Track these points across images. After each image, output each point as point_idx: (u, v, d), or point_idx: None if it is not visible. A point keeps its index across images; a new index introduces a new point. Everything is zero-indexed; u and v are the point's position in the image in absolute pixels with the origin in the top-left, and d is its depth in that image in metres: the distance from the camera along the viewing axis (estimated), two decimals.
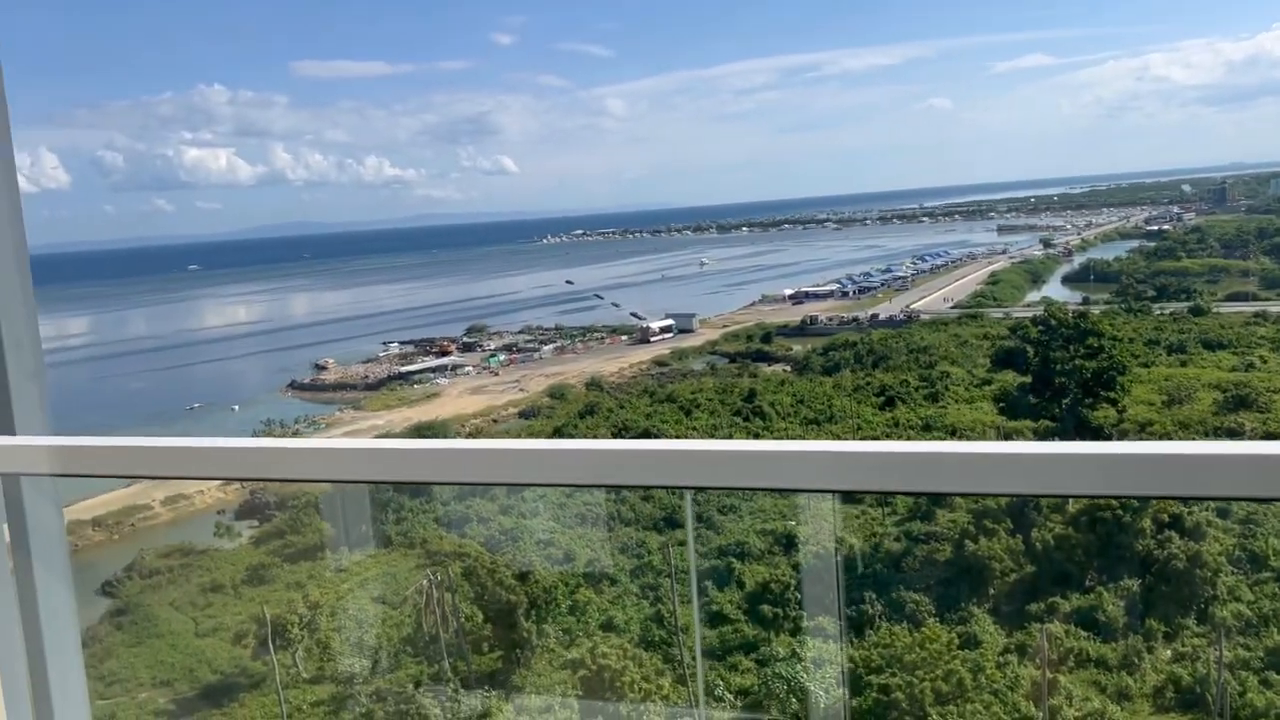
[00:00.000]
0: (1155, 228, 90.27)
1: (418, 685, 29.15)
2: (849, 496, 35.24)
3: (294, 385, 65.80)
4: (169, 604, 35.38)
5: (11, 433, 2.50)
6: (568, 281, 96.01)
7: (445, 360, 66.61)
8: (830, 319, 70.27)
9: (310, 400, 62.65)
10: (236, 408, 60.54)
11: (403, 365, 66.38)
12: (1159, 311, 61.05)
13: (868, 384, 51.33)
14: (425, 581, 32.31)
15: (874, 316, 69.42)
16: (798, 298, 78.11)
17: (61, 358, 72.72)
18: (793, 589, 32.13)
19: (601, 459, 1.88)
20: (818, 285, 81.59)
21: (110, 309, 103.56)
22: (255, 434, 50.93)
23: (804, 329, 68.53)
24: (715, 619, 32.48)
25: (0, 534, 2.51)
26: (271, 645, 30.60)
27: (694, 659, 30.62)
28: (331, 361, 68.66)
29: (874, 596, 31.20)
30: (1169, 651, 28.38)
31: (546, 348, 69.09)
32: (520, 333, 73.72)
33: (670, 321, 71.56)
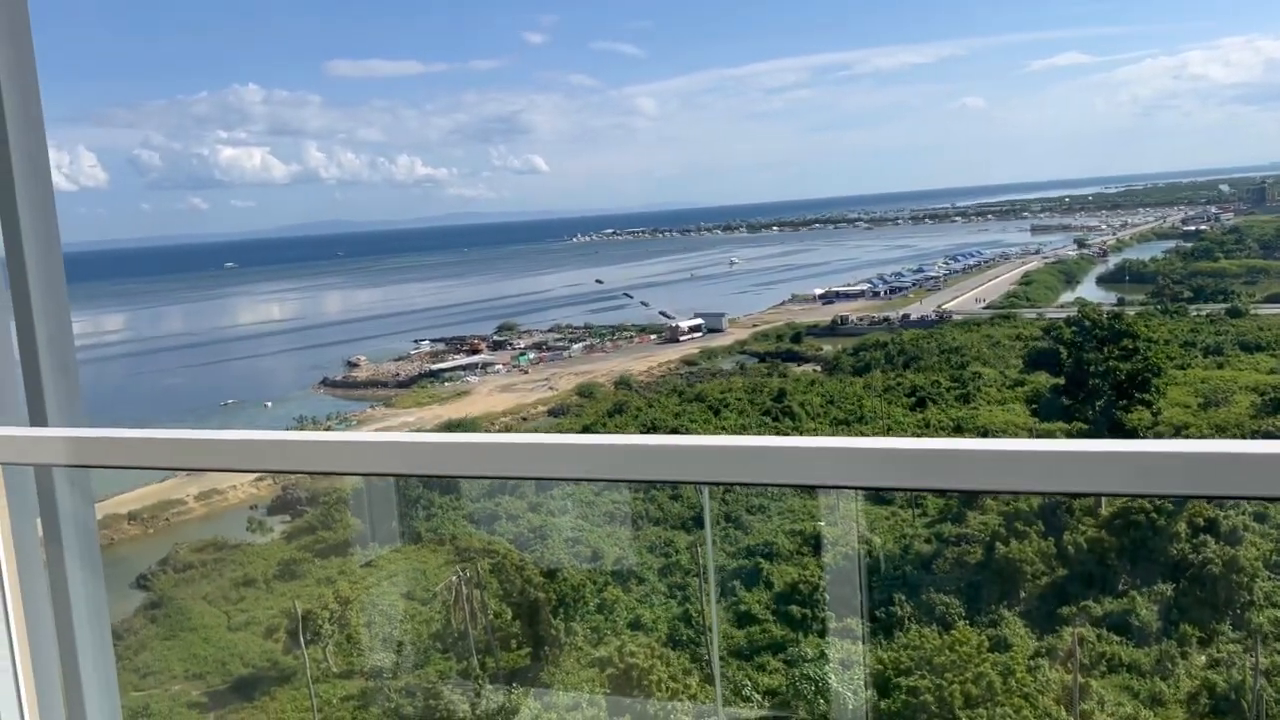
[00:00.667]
0: (1192, 228, 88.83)
1: (445, 681, 29.34)
2: (879, 497, 35.05)
3: (326, 382, 66.35)
4: (202, 598, 35.81)
5: (44, 425, 2.53)
6: (597, 280, 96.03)
7: (476, 358, 66.91)
8: (861, 319, 69.84)
9: (342, 397, 63.15)
10: (269, 404, 61.14)
11: (434, 363, 66.75)
12: (1195, 313, 60.13)
13: (899, 384, 50.99)
14: (454, 578, 32.50)
15: (905, 317, 68.92)
16: (828, 297, 77.67)
17: (98, 354, 73.77)
18: (821, 590, 32.01)
19: (627, 454, 1.88)
20: (848, 285, 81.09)
21: (147, 305, 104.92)
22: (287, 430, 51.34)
23: (834, 329, 68.16)
24: (743, 619, 32.43)
25: (33, 526, 2.55)
26: (302, 639, 30.90)
27: (721, 658, 30.58)
28: (363, 359, 69.18)
29: (903, 598, 31.01)
30: (1203, 657, 27.98)
31: (576, 346, 69.21)
32: (550, 331, 73.88)
33: (699, 321, 71.43)
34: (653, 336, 71.05)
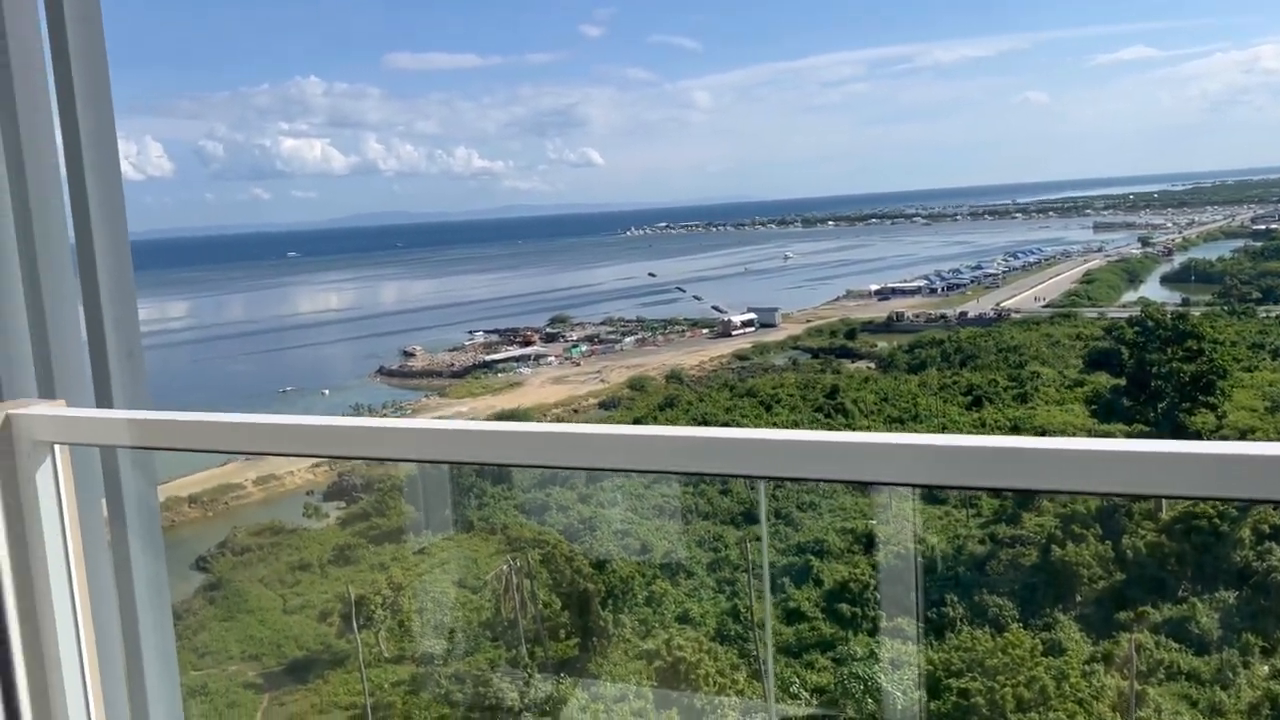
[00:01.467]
0: (1262, 227, 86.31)
1: (495, 669, 29.63)
2: (932, 497, 34.64)
3: (382, 371, 67.24)
4: (259, 581, 36.53)
5: (110, 407, 2.60)
6: (650, 274, 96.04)
7: (528, 350, 67.35)
8: (917, 316, 69.05)
9: (398, 386, 63.97)
10: (327, 392, 62.15)
11: (487, 354, 67.31)
12: (1264, 314, 58.47)
13: (955, 383, 50.33)
14: (505, 567, 32.78)
15: (963, 314, 68.00)
16: (884, 293, 76.90)
17: (162, 340, 75.55)
18: (872, 589, 31.73)
19: (680, 446, 1.88)
20: (905, 281, 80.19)
21: (210, 293, 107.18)
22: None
23: (890, 325, 67.48)
24: (792, 616, 32.29)
25: (98, 506, 2.61)
26: (355, 624, 31.40)
27: (768, 654, 30.48)
28: (419, 349, 69.98)
29: (955, 599, 30.63)
30: (1266, 667, 27.24)
31: (628, 339, 69.33)
32: (602, 324, 74.09)
33: (752, 315, 71.11)
34: (705, 331, 70.92)
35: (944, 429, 45.03)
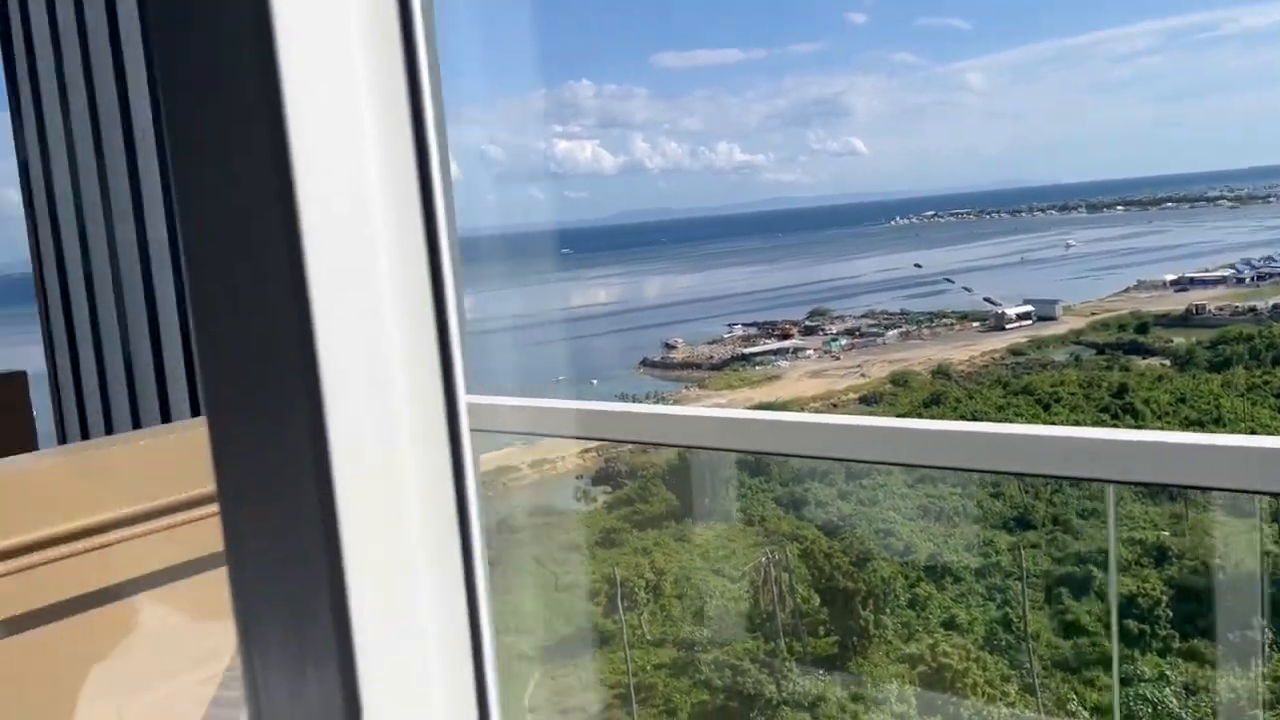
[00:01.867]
0: None
1: (753, 659, 29.90)
2: (1237, 509, 31.46)
3: (645, 363, 69.22)
4: (533, 558, 38.78)
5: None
6: (916, 265, 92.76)
7: (786, 343, 67.03)
8: (1221, 308, 62.56)
9: (660, 378, 65.67)
10: (595, 382, 64.88)
11: (745, 347, 67.64)
12: None
13: (1266, 383, 45.20)
14: (763, 559, 32.95)
15: (1276, 307, 61.04)
16: (1181, 284, 70.18)
17: None
18: (1164, 605, 29.23)
19: (956, 441, 1.84)
20: (1206, 270, 72.77)
21: (491, 289, 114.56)
22: None
23: (1188, 319, 61.59)
24: (1070, 629, 30.34)
25: None
26: (620, 605, 32.68)
27: (1043, 668, 28.86)
28: (680, 341, 71.48)
29: (1264, 623, 27.66)
30: None
31: (890, 333, 67.37)
32: (863, 317, 72.40)
33: (1029, 308, 67.09)
34: (975, 324, 67.62)
35: (1252, 434, 40.64)
